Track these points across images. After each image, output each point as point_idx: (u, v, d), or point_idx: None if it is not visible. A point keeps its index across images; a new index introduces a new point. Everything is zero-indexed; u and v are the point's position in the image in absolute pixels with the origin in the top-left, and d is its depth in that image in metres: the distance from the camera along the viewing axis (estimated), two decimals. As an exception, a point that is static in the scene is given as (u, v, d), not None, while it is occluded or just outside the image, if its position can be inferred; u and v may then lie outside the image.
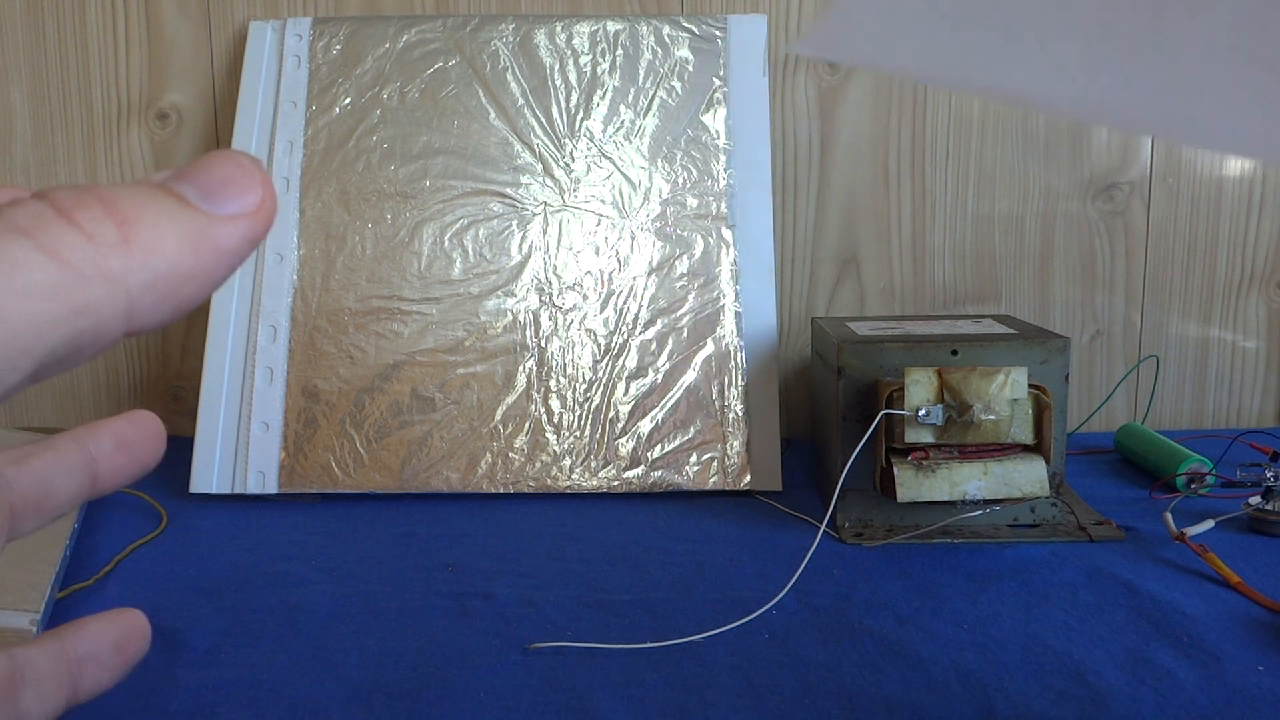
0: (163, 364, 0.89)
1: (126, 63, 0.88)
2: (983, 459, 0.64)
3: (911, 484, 0.64)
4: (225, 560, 0.65)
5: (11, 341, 0.17)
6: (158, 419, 0.30)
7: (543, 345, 0.79)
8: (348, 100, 0.83)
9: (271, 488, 0.76)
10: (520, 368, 0.79)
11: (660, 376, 0.79)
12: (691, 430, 0.78)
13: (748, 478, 0.76)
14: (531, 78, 0.84)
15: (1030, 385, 0.65)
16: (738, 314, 0.80)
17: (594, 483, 0.77)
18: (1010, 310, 0.91)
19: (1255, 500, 0.68)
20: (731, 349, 0.79)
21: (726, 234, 0.81)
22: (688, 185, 0.82)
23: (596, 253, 0.82)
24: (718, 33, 0.84)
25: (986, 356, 0.67)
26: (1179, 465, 0.75)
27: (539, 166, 0.83)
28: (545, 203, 0.82)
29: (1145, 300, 0.91)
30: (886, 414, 0.65)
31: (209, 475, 0.76)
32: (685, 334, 0.80)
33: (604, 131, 0.83)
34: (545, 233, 0.82)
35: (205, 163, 0.20)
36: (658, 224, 0.82)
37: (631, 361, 0.79)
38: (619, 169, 0.83)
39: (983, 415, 0.63)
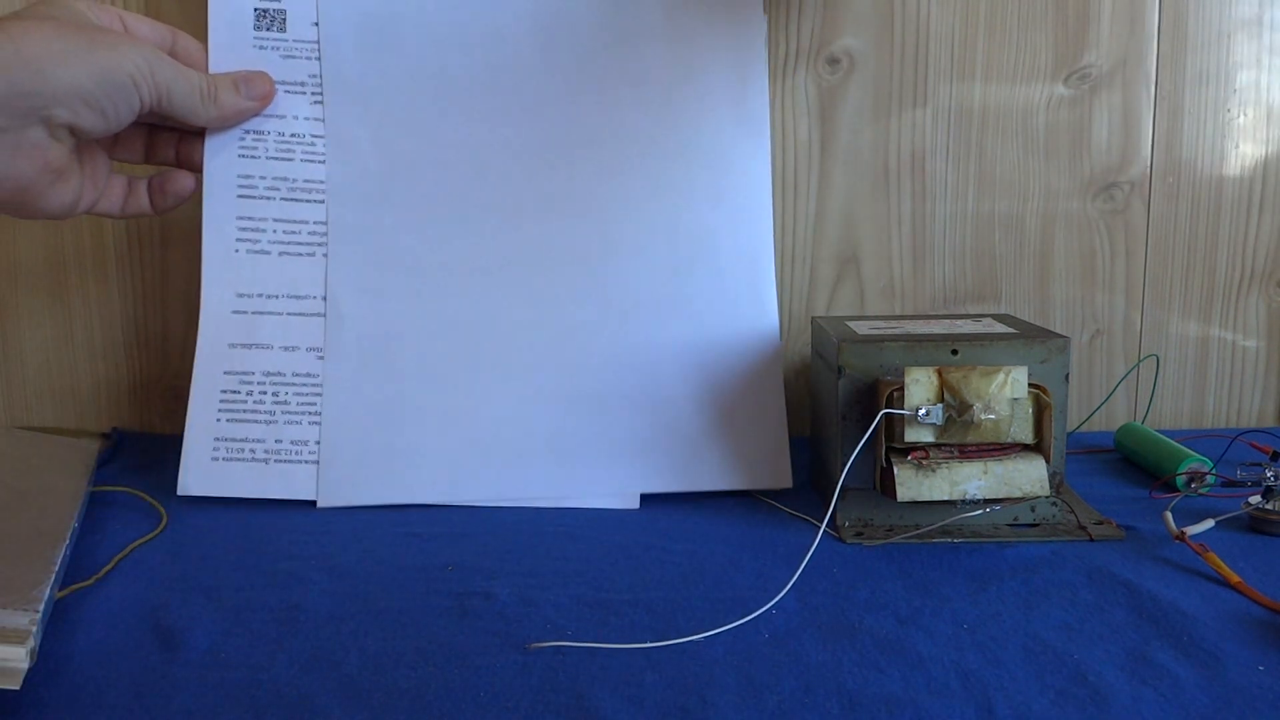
0: (163, 363, 0.89)
1: (126, 63, 0.88)
2: (983, 458, 0.64)
3: (911, 483, 0.64)
4: (225, 560, 0.65)
5: (177, 81, 0.68)
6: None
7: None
8: None
9: (273, 488, 0.78)
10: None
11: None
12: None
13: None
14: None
15: (1030, 385, 0.65)
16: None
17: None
18: (1010, 310, 0.91)
19: (1255, 500, 0.68)
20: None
21: (727, 234, 0.82)
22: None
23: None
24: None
25: (986, 356, 0.67)
26: (1179, 465, 0.75)
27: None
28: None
29: (1145, 300, 0.92)
30: (886, 413, 0.65)
31: (210, 475, 0.78)
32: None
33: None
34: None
35: (251, 76, 0.75)
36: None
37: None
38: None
39: (983, 415, 0.63)
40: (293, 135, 0.77)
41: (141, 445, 0.85)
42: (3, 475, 0.73)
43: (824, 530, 0.65)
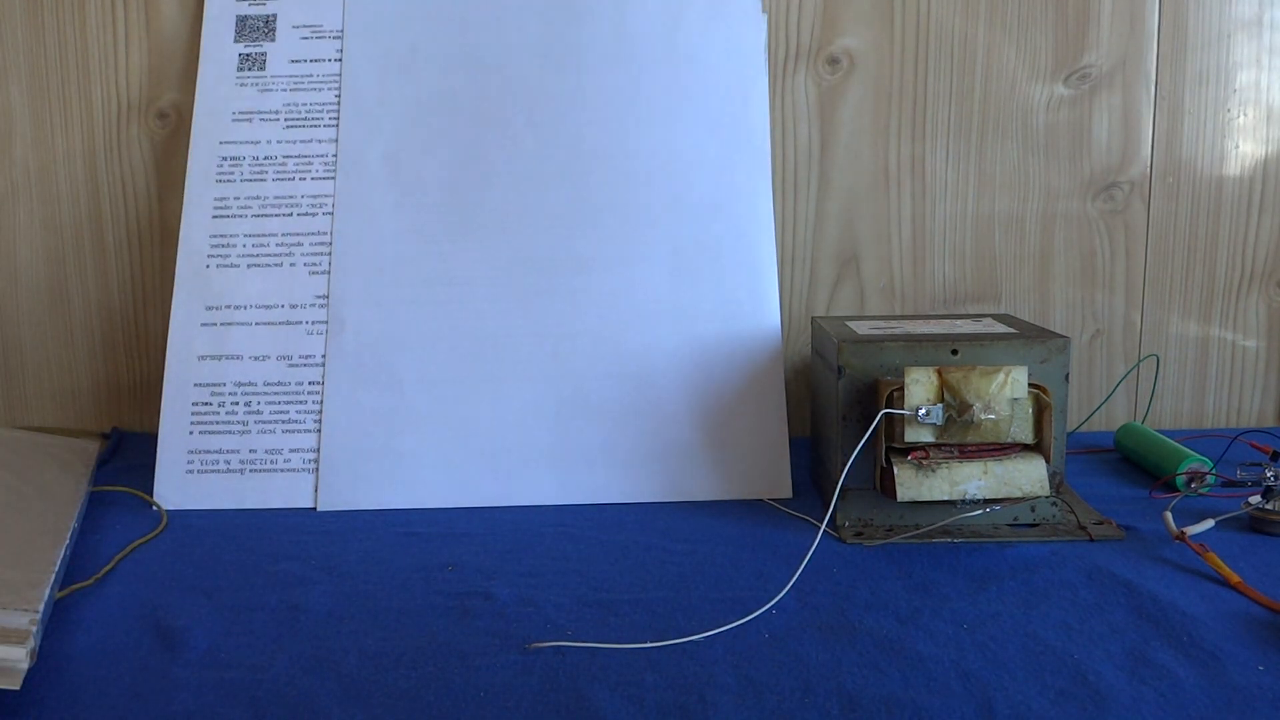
0: (163, 363, 0.89)
1: (126, 63, 0.88)
2: (983, 458, 0.64)
3: (911, 483, 0.64)
4: (225, 560, 0.65)
5: None
6: None
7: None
8: None
9: (272, 488, 0.79)
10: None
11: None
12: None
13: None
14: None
15: (1030, 385, 0.65)
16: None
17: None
18: (1010, 310, 0.91)
19: (1255, 500, 0.68)
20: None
21: (727, 234, 0.82)
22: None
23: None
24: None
25: (986, 356, 0.67)
26: (1179, 465, 0.75)
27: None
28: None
29: (1145, 300, 0.91)
30: (886, 413, 0.65)
31: (210, 475, 0.79)
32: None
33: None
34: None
35: None
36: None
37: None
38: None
39: (983, 415, 0.63)
40: (266, 159, 0.81)
41: (141, 445, 0.85)
42: (3, 475, 0.73)
43: (824, 530, 0.65)
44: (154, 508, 0.74)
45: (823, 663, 0.51)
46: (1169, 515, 0.66)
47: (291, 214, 0.80)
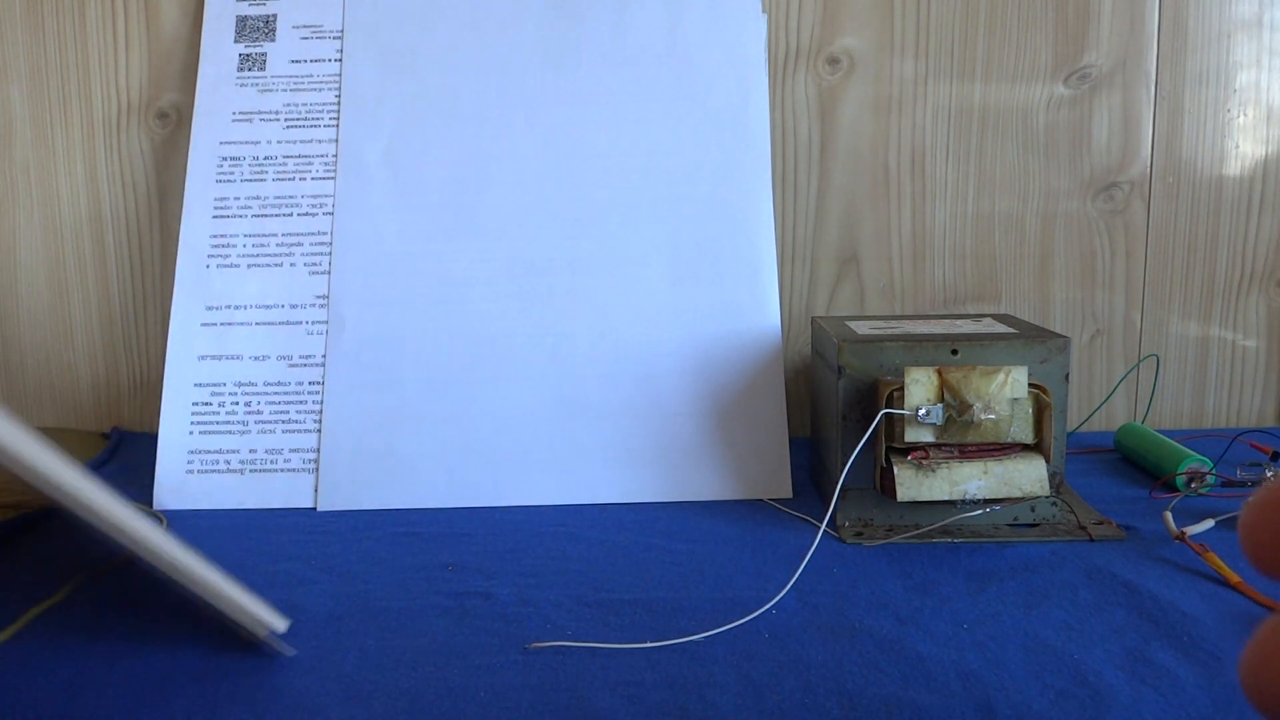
0: (162, 363, 0.89)
1: (126, 63, 0.88)
2: (983, 458, 0.64)
3: (911, 483, 0.64)
4: (225, 560, 0.65)
5: None
6: None
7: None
8: None
9: (272, 488, 0.79)
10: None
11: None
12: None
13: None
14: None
15: (1030, 385, 0.65)
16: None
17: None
18: (1010, 310, 0.91)
19: (1255, 500, 0.68)
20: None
21: (727, 234, 0.82)
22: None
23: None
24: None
25: (986, 356, 0.67)
26: (1179, 464, 0.75)
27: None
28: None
29: (1145, 300, 0.92)
30: (886, 413, 0.65)
31: (210, 475, 0.79)
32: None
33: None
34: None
35: None
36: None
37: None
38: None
39: (983, 415, 0.63)
40: (266, 158, 0.81)
41: (141, 445, 0.85)
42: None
43: (824, 530, 0.65)
44: (146, 511, 0.74)
45: (823, 663, 0.51)
46: (1169, 515, 0.66)
47: (291, 214, 0.80)
